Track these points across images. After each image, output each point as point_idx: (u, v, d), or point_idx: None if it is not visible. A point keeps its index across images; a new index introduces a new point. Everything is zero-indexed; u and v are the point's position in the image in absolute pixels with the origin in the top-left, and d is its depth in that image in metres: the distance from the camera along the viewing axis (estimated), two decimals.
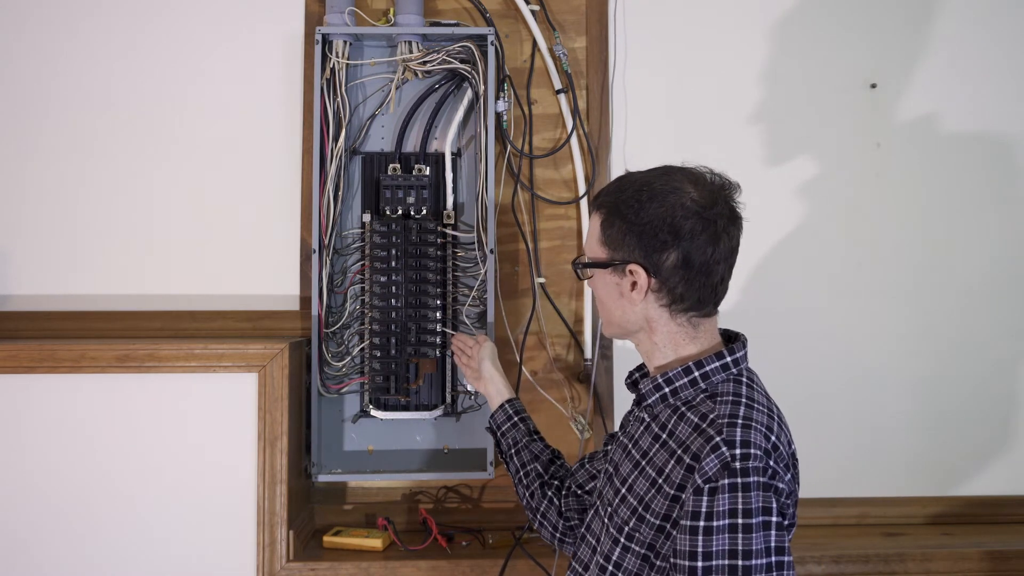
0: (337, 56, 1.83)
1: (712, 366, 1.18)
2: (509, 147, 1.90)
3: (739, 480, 1.05)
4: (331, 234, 1.84)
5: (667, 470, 1.13)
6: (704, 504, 1.05)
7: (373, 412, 1.83)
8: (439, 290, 1.84)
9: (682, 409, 1.17)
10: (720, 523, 1.04)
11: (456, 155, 1.89)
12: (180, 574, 1.67)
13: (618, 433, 1.35)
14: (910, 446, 1.96)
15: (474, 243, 1.86)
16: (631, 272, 1.18)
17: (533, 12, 1.92)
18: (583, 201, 1.92)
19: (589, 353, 1.90)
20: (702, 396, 1.16)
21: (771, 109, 1.97)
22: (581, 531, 1.31)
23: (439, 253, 1.84)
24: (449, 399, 1.84)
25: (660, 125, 1.96)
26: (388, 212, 1.83)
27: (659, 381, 1.20)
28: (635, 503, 1.16)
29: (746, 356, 1.21)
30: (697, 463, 1.08)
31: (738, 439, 1.07)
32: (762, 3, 1.97)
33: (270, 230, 1.91)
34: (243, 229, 1.92)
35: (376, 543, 1.75)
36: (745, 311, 1.88)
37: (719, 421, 1.10)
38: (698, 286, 1.17)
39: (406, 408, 1.83)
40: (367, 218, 1.85)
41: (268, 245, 1.91)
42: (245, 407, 1.69)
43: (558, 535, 1.46)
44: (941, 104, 1.97)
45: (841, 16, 1.98)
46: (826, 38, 1.98)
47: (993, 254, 1.98)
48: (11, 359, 1.67)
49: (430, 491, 1.92)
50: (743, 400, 1.13)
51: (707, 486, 1.06)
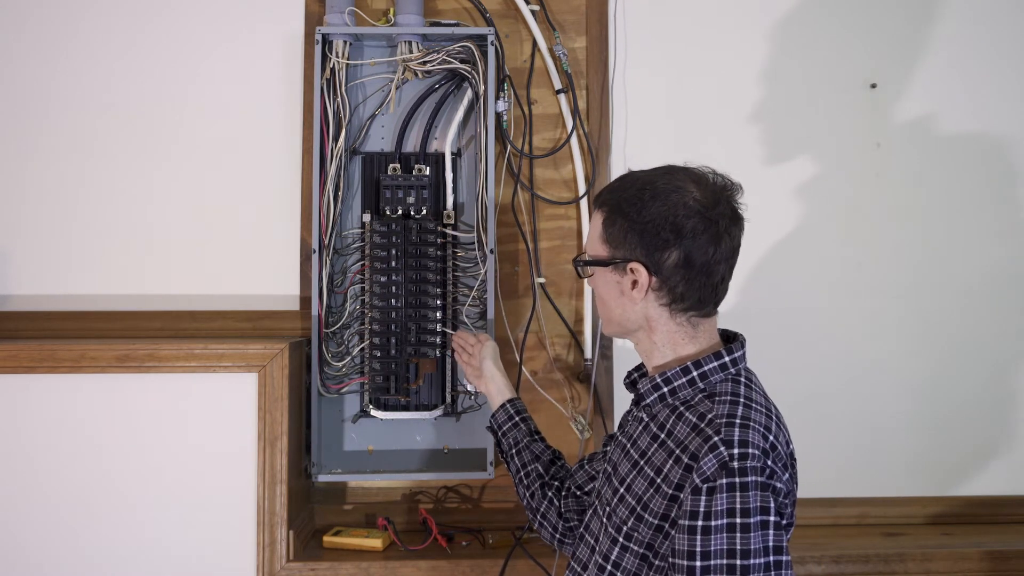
0: (337, 56, 1.83)
1: (710, 366, 1.18)
2: (509, 147, 1.90)
3: (737, 480, 1.05)
4: (331, 234, 1.84)
5: (665, 470, 1.13)
6: (702, 504, 1.06)
7: (373, 412, 1.83)
8: (439, 290, 1.84)
9: (680, 409, 1.17)
10: (718, 523, 1.04)
11: (456, 155, 1.89)
12: (180, 574, 1.67)
13: (617, 433, 1.35)
14: (910, 446, 1.96)
15: (474, 243, 1.86)
16: (632, 270, 1.18)
17: (533, 12, 1.92)
18: (583, 201, 1.92)
19: (589, 353, 1.90)
20: (700, 396, 1.16)
21: (771, 109, 1.97)
22: (580, 531, 1.31)
23: (439, 253, 1.84)
24: (449, 399, 1.84)
25: (660, 125, 1.96)
26: (388, 212, 1.83)
27: (657, 381, 1.20)
28: (633, 503, 1.16)
29: (744, 356, 1.21)
30: (695, 463, 1.08)
31: (736, 439, 1.07)
32: (762, 3, 1.97)
33: (270, 230, 1.91)
34: (243, 229, 1.92)
35: (376, 543, 1.75)
36: (745, 311, 1.88)
37: (717, 421, 1.10)
38: (699, 286, 1.17)
39: (406, 408, 1.83)
40: (367, 218, 1.85)
41: (268, 245, 1.91)
42: (245, 407, 1.69)
43: (558, 535, 1.46)
44: (941, 104, 1.97)
45: (841, 16, 1.98)
46: (826, 38, 1.98)
47: (993, 254, 1.98)
48: (11, 359, 1.67)
49: (430, 491, 1.92)
50: (741, 400, 1.13)
51: (705, 486, 1.06)
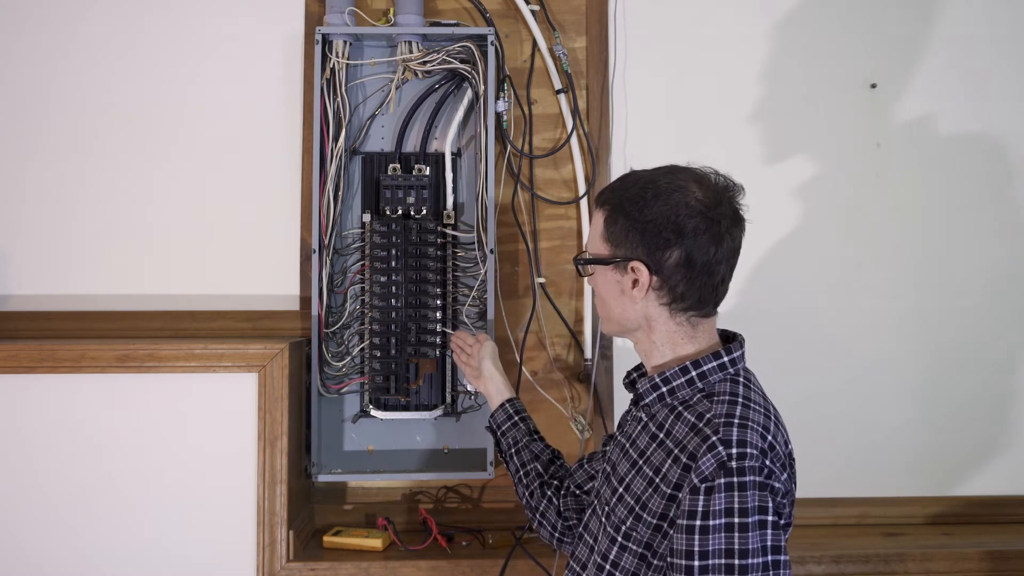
0: (337, 56, 1.83)
1: (709, 366, 1.18)
2: (509, 147, 1.90)
3: (735, 479, 1.05)
4: (331, 234, 1.84)
5: (664, 469, 1.13)
6: (700, 503, 1.06)
7: (373, 412, 1.83)
8: (439, 290, 1.84)
9: (679, 409, 1.17)
10: (716, 522, 1.04)
11: (456, 155, 1.89)
12: (180, 574, 1.67)
13: (616, 433, 1.35)
14: (910, 446, 1.96)
15: (474, 243, 1.86)
16: (633, 269, 1.18)
17: (533, 12, 1.92)
18: (583, 201, 1.92)
19: (589, 353, 1.90)
20: (699, 396, 1.16)
21: (771, 109, 1.97)
22: (579, 530, 1.31)
23: (439, 253, 1.84)
24: (449, 399, 1.84)
25: (660, 125, 1.96)
26: (388, 212, 1.83)
27: (656, 381, 1.20)
28: (632, 502, 1.16)
29: (743, 356, 1.21)
30: (694, 462, 1.08)
31: (734, 438, 1.07)
32: (762, 3, 1.97)
33: (270, 230, 1.91)
34: (243, 229, 1.92)
35: (376, 543, 1.75)
36: (745, 311, 1.88)
37: (715, 421, 1.10)
38: (699, 285, 1.17)
39: (406, 408, 1.83)
40: (367, 218, 1.85)
41: (268, 245, 1.91)
42: (245, 407, 1.69)
43: (557, 535, 1.46)
44: (941, 104, 1.97)
45: (841, 16, 1.98)
46: (826, 38, 1.98)
47: (993, 254, 1.98)
48: (11, 359, 1.67)
49: (430, 491, 1.92)
50: (740, 400, 1.13)
51: (703, 485, 1.06)
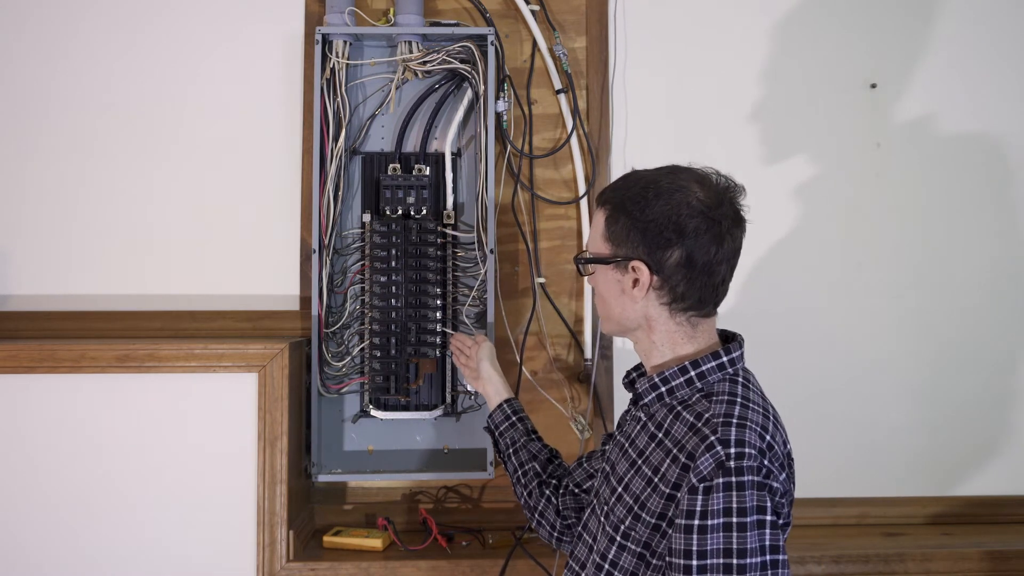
0: (337, 56, 1.83)
1: (708, 366, 1.18)
2: (509, 147, 1.90)
3: (733, 479, 1.05)
4: (331, 234, 1.84)
5: (663, 469, 1.13)
6: (699, 503, 1.06)
7: (373, 412, 1.83)
8: (439, 290, 1.84)
9: (678, 408, 1.17)
10: (715, 522, 1.04)
11: (456, 155, 1.89)
12: (180, 574, 1.67)
13: (615, 433, 1.35)
14: (910, 446, 1.96)
15: (474, 243, 1.86)
16: (634, 269, 1.18)
17: (533, 12, 1.92)
18: (583, 201, 1.92)
19: (589, 353, 1.90)
20: (698, 396, 1.16)
21: (771, 109, 1.97)
22: (578, 529, 1.32)
23: (439, 253, 1.84)
24: (449, 399, 1.84)
25: (660, 125, 1.96)
26: (388, 212, 1.83)
27: (655, 381, 1.20)
28: (631, 502, 1.16)
29: (742, 356, 1.21)
30: (692, 462, 1.08)
31: (733, 438, 1.07)
32: (762, 3, 1.97)
33: (270, 230, 1.91)
34: (243, 229, 1.92)
35: (376, 543, 1.75)
36: (745, 311, 1.87)
37: (714, 420, 1.10)
38: (700, 285, 1.17)
39: (406, 408, 1.83)
40: (367, 218, 1.85)
41: (268, 245, 1.91)
42: (245, 407, 1.69)
43: (556, 534, 1.46)
44: (941, 104, 1.97)
45: (841, 16, 1.98)
46: (826, 38, 1.98)
47: (993, 254, 1.98)
48: (11, 359, 1.67)
49: (430, 491, 1.92)
50: (738, 400, 1.13)
51: (702, 485, 1.06)
